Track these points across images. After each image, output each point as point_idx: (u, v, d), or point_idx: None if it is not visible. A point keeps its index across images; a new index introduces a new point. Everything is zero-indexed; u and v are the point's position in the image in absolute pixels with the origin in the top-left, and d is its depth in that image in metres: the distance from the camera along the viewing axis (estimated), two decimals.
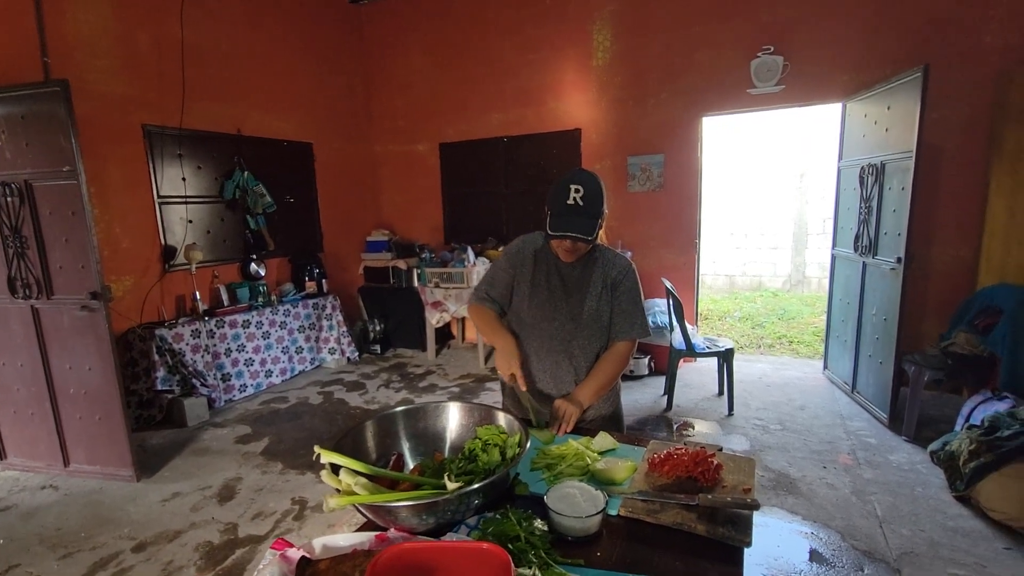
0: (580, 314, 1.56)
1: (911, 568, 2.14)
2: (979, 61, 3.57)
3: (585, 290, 1.57)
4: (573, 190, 1.39)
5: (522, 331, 1.64)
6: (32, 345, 2.99)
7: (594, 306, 1.57)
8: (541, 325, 1.60)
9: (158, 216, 3.89)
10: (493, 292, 1.68)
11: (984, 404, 2.95)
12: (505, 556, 0.74)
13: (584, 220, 1.39)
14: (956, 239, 3.78)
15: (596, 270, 1.58)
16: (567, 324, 1.58)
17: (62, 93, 2.65)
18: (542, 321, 1.60)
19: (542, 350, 1.62)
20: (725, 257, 8.64)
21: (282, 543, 0.91)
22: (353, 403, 4.17)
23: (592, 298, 1.57)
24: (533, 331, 1.62)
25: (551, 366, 1.61)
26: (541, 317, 1.60)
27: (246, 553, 2.37)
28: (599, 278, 1.57)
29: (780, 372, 4.54)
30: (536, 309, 1.60)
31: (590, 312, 1.56)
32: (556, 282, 1.60)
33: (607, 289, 1.57)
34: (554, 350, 1.60)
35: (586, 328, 1.57)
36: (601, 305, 1.57)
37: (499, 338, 1.57)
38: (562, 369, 1.61)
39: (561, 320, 1.58)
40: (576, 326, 1.57)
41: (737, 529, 1.00)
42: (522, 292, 1.62)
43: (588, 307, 1.56)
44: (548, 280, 1.60)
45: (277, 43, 4.78)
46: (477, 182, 5.48)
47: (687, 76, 4.44)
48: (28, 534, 2.55)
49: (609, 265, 1.59)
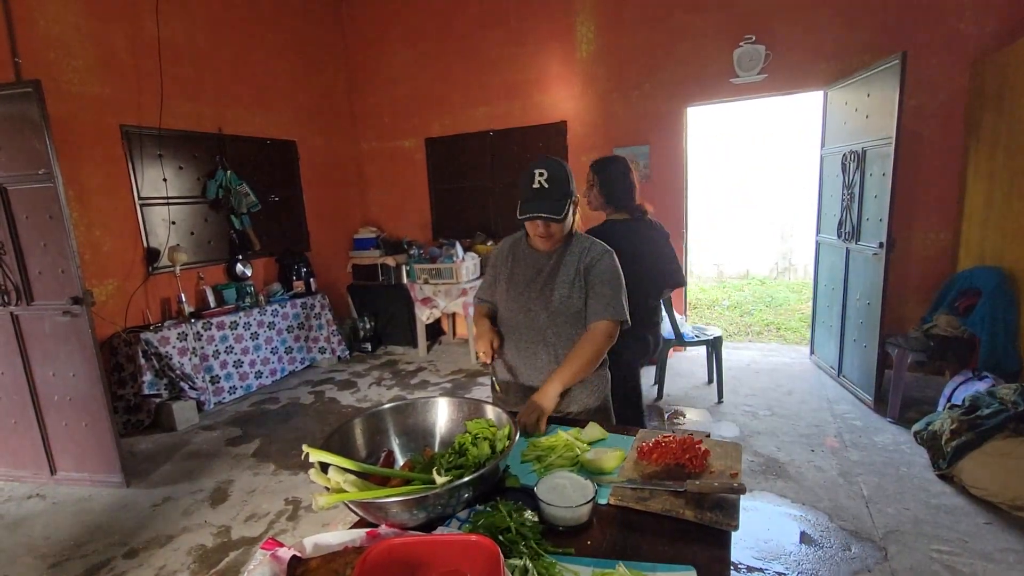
0: (551, 302, 1.57)
1: (897, 545, 2.19)
2: (956, 48, 3.62)
3: (557, 278, 1.58)
4: (538, 174, 1.47)
5: (503, 324, 1.68)
6: (13, 353, 2.93)
7: (565, 293, 1.57)
8: (517, 317, 1.63)
9: (140, 218, 3.83)
10: (485, 293, 1.79)
11: (965, 384, 3.02)
12: (494, 547, 0.75)
13: (550, 202, 1.47)
14: (936, 223, 3.84)
15: (571, 258, 1.59)
16: (540, 314, 1.59)
17: (35, 93, 2.59)
18: (518, 313, 1.62)
19: (521, 341, 1.64)
20: (713, 246, 8.71)
21: (272, 543, 0.91)
22: (345, 402, 4.15)
23: (564, 285, 1.57)
24: (511, 323, 1.65)
25: (530, 356, 1.63)
26: (517, 309, 1.63)
27: (240, 555, 2.36)
28: (573, 265, 1.58)
29: (768, 359, 4.60)
30: (512, 301, 1.64)
31: (561, 299, 1.56)
32: (531, 273, 1.62)
33: (580, 276, 1.57)
34: (531, 340, 1.61)
35: (559, 316, 1.58)
36: (573, 292, 1.57)
37: (477, 326, 1.70)
38: (540, 359, 1.62)
39: (535, 310, 1.59)
40: (548, 315, 1.58)
41: (724, 513, 1.02)
42: (502, 287, 1.68)
43: (559, 295, 1.57)
44: (524, 272, 1.64)
45: (256, 39, 4.70)
46: (464, 177, 5.46)
47: (670, 67, 4.45)
48: (15, 545, 2.51)
49: (585, 252, 1.59)
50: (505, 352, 1.68)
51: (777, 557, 2.17)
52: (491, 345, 1.62)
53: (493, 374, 1.71)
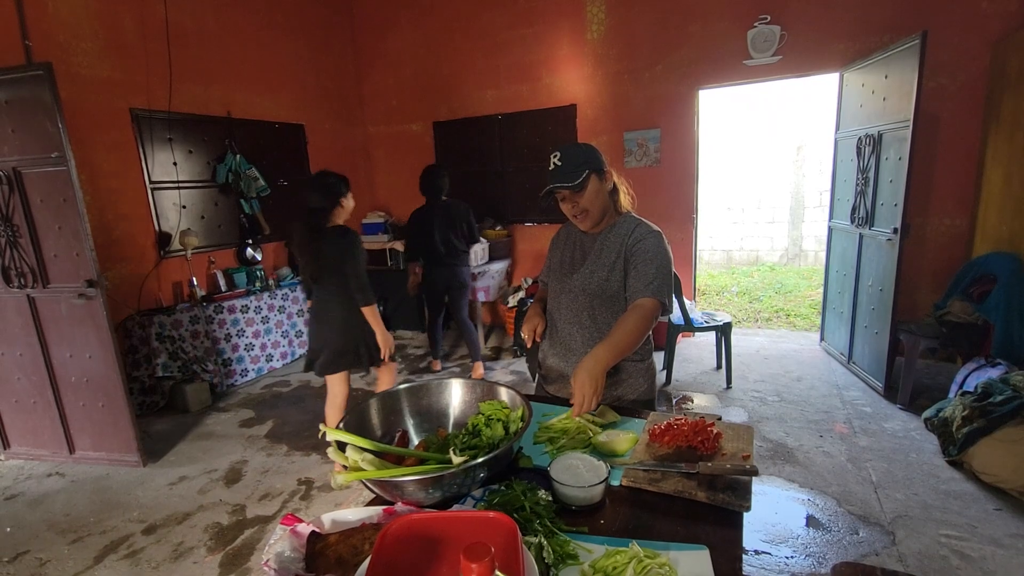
0: (590, 284, 1.55)
1: (904, 530, 2.20)
2: (977, 27, 3.52)
3: (599, 260, 1.56)
4: (553, 158, 1.50)
5: (550, 306, 1.71)
6: (30, 335, 2.98)
7: (603, 276, 1.53)
8: (560, 298, 1.63)
9: (151, 202, 3.85)
10: (542, 276, 1.83)
11: (978, 371, 3.00)
12: (512, 523, 0.76)
13: (564, 176, 1.46)
14: (952, 208, 3.78)
15: (614, 239, 1.55)
16: (580, 296, 1.57)
17: (46, 76, 2.59)
18: (560, 294, 1.63)
19: (561, 321, 1.63)
20: (722, 232, 8.63)
21: (292, 519, 0.93)
22: (355, 385, 4.20)
23: (604, 268, 1.54)
24: (555, 304, 1.66)
25: (566, 338, 1.62)
26: (560, 290, 1.63)
27: (255, 533, 2.42)
28: (615, 247, 1.53)
29: (777, 345, 4.59)
30: (557, 283, 1.65)
31: (599, 282, 1.54)
32: (578, 255, 1.62)
33: (621, 258, 1.52)
34: (570, 321, 1.61)
35: (596, 299, 1.55)
36: (612, 275, 1.52)
37: (530, 309, 1.75)
38: (576, 342, 1.60)
39: (575, 292, 1.58)
40: (587, 297, 1.56)
41: (736, 494, 1.02)
42: (553, 269, 1.70)
43: (598, 277, 1.54)
44: (572, 254, 1.65)
45: (264, 21, 4.66)
46: (473, 161, 5.43)
47: (683, 48, 4.37)
48: (36, 521, 2.59)
49: (629, 233, 1.53)
50: (547, 335, 1.71)
51: (785, 540, 2.19)
52: (534, 330, 1.65)
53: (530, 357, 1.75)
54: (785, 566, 2.06)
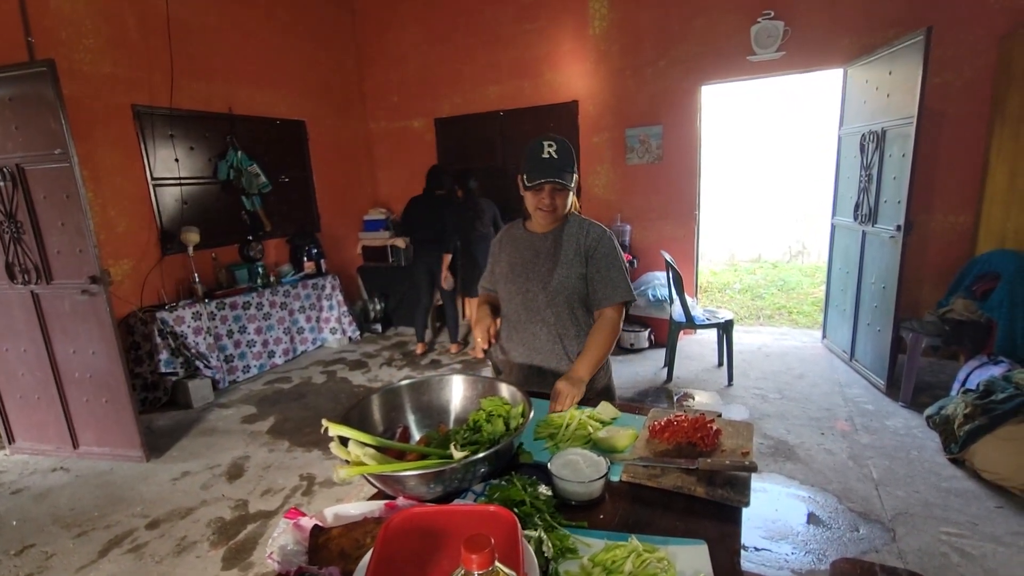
0: (550, 282, 1.58)
1: (905, 528, 2.20)
2: (983, 23, 3.50)
3: (556, 259, 1.59)
4: (547, 146, 1.50)
5: (503, 308, 1.70)
6: (34, 330, 3.00)
7: (564, 273, 1.57)
8: (515, 298, 1.64)
9: (153, 198, 3.86)
10: (486, 281, 1.82)
11: (980, 369, 2.99)
12: (512, 517, 0.76)
13: (559, 171, 1.49)
14: (956, 205, 3.76)
15: (568, 238, 1.60)
16: (539, 294, 1.60)
17: (49, 73, 2.59)
18: (516, 294, 1.64)
19: (519, 322, 1.65)
20: (725, 229, 8.62)
21: (295, 512, 0.93)
22: (356, 382, 4.21)
23: (563, 266, 1.58)
24: (510, 305, 1.67)
25: (529, 337, 1.64)
26: (515, 291, 1.64)
27: (257, 528, 2.43)
28: (571, 246, 1.59)
29: (779, 342, 4.58)
30: (510, 284, 1.65)
31: (560, 280, 1.57)
32: (529, 255, 1.63)
33: (580, 256, 1.58)
34: (530, 320, 1.63)
35: (557, 296, 1.58)
36: (572, 272, 1.58)
37: (476, 313, 1.71)
38: (540, 339, 1.63)
39: (533, 291, 1.60)
40: (547, 295, 1.59)
41: (736, 490, 1.02)
42: (502, 271, 1.69)
43: (558, 275, 1.57)
44: (523, 255, 1.65)
45: (265, 17, 4.66)
46: (474, 157, 5.42)
47: (686, 44, 4.35)
48: (41, 515, 2.61)
49: (582, 233, 1.60)
50: (503, 336, 1.71)
51: (785, 537, 2.19)
52: (488, 331, 1.63)
53: (491, 358, 1.75)
54: (785, 562, 2.06)
